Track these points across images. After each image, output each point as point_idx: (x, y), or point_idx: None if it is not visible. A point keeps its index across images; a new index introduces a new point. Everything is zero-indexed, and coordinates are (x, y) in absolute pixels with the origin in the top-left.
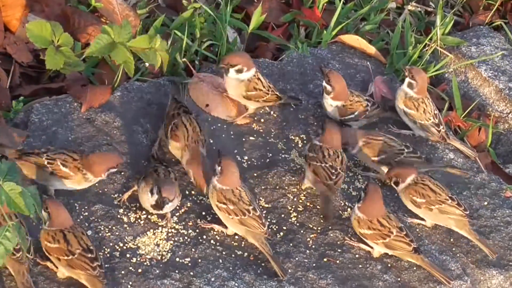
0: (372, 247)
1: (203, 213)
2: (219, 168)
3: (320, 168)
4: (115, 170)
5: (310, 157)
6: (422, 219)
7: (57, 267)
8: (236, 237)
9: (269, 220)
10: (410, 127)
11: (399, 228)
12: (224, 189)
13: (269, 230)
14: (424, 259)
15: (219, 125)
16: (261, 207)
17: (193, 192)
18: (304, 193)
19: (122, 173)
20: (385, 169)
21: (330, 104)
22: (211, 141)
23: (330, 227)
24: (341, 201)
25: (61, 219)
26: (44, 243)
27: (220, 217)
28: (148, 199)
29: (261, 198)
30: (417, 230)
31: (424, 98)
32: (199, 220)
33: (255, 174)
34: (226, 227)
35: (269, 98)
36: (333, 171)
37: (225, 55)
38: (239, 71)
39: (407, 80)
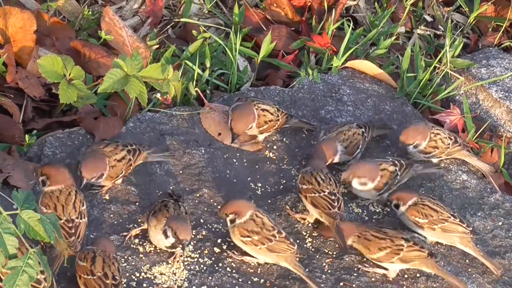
0: (386, 268)
1: (219, 240)
2: (233, 215)
3: (319, 199)
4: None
5: (305, 190)
6: (423, 236)
7: None
8: (252, 264)
9: None
10: None
11: (405, 240)
12: (244, 222)
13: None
14: (439, 267)
15: (232, 153)
16: None
17: (208, 220)
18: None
19: (137, 203)
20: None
21: None
22: (227, 171)
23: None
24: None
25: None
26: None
27: (248, 251)
28: (161, 240)
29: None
30: (432, 251)
31: None
32: (216, 248)
33: (269, 201)
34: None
35: (281, 122)
36: (333, 197)
37: None
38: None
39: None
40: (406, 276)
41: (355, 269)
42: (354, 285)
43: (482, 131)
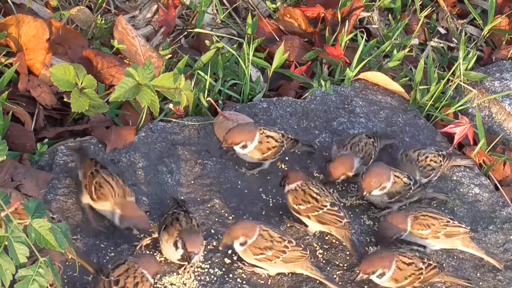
0: None
1: (229, 251)
2: (244, 239)
3: (324, 215)
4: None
5: (305, 210)
6: (424, 246)
7: None
8: (263, 275)
9: None
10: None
11: (421, 259)
12: (254, 240)
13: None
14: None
15: (243, 164)
16: None
17: (218, 231)
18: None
19: (148, 213)
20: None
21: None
22: (239, 182)
23: (356, 263)
24: (367, 238)
25: None
26: None
27: (263, 267)
28: (173, 253)
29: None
30: (444, 265)
31: None
32: (227, 259)
33: (280, 212)
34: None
35: (286, 148)
36: (336, 208)
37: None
38: (244, 147)
39: None
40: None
41: (366, 281)
42: None
43: (495, 144)
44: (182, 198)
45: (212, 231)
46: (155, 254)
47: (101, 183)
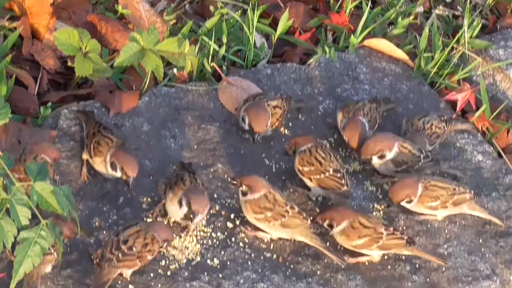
0: (370, 255)
1: (232, 216)
2: (246, 188)
3: (326, 180)
4: None
5: (308, 172)
6: (433, 214)
7: None
8: (265, 239)
9: None
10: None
11: (384, 225)
12: (257, 198)
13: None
14: (419, 249)
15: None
16: None
17: (221, 195)
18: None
19: (151, 177)
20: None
21: None
22: (242, 147)
23: None
24: (369, 203)
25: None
26: None
27: (262, 228)
28: (176, 211)
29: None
30: (446, 231)
31: None
32: (229, 223)
33: (283, 177)
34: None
35: (287, 110)
36: (339, 175)
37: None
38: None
39: None
40: None
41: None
42: (366, 263)
43: (499, 112)
44: (188, 161)
45: (215, 196)
46: (157, 218)
47: (99, 141)
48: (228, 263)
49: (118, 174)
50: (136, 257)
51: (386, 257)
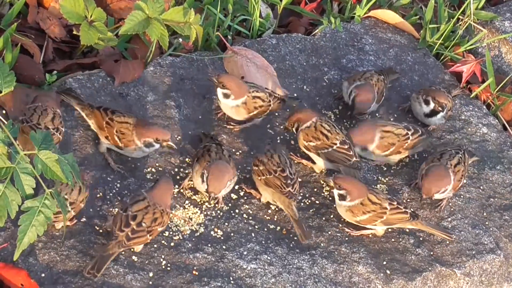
0: (374, 229)
1: (236, 187)
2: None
3: (334, 153)
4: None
5: (315, 147)
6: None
7: None
8: (269, 211)
9: (301, 194)
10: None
11: (389, 200)
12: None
13: (296, 195)
14: (423, 223)
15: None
16: None
17: None
18: None
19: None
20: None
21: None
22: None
23: None
24: (373, 176)
25: None
26: None
27: (255, 183)
28: (200, 185)
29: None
30: (450, 204)
31: None
32: (233, 195)
33: (287, 149)
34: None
35: (273, 107)
36: (346, 146)
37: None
38: (226, 96)
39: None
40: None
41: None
42: (370, 235)
43: (504, 84)
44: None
45: None
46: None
47: (121, 130)
48: (232, 234)
49: (157, 146)
50: (146, 232)
51: (390, 229)
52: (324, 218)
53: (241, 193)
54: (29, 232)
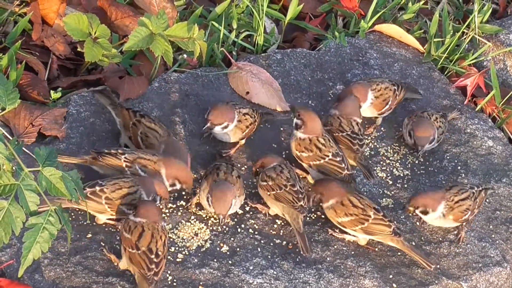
0: (356, 236)
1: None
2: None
3: (325, 165)
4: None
5: (307, 158)
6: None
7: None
8: (275, 225)
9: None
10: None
11: (375, 209)
12: (269, 167)
13: (307, 209)
14: (405, 243)
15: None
16: None
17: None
18: None
19: None
20: None
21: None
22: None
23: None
24: (379, 189)
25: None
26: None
27: (263, 197)
28: (207, 207)
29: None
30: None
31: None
32: (239, 210)
33: (293, 164)
34: (269, 207)
35: (258, 122)
36: (338, 159)
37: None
38: (225, 127)
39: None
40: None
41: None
42: (376, 249)
43: (509, 97)
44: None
45: None
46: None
47: (146, 133)
48: (238, 249)
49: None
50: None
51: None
52: (329, 234)
53: (247, 208)
54: (33, 249)
